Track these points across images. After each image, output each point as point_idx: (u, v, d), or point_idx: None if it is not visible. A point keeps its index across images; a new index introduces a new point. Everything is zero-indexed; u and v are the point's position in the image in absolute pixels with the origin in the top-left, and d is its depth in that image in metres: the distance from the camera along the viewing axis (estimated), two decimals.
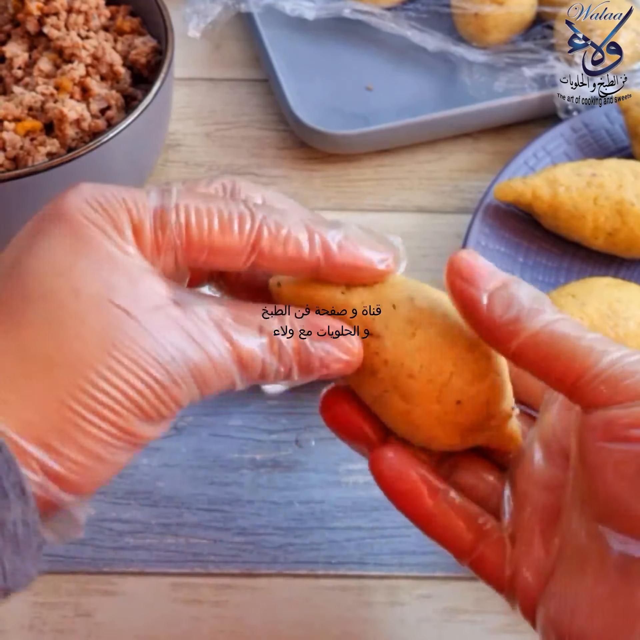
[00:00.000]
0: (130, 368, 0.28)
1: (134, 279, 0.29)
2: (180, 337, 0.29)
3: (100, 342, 0.28)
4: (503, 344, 0.31)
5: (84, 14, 0.56)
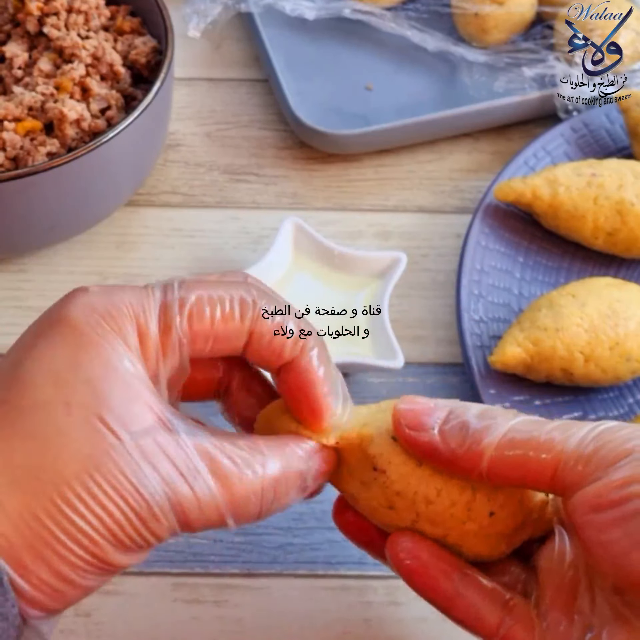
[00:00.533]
0: (110, 495, 0.28)
1: (129, 396, 0.29)
2: (165, 468, 0.29)
3: (83, 462, 0.28)
4: (473, 470, 0.31)
5: (84, 14, 0.56)
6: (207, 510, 0.30)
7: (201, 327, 0.31)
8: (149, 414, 0.29)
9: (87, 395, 0.28)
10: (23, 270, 0.57)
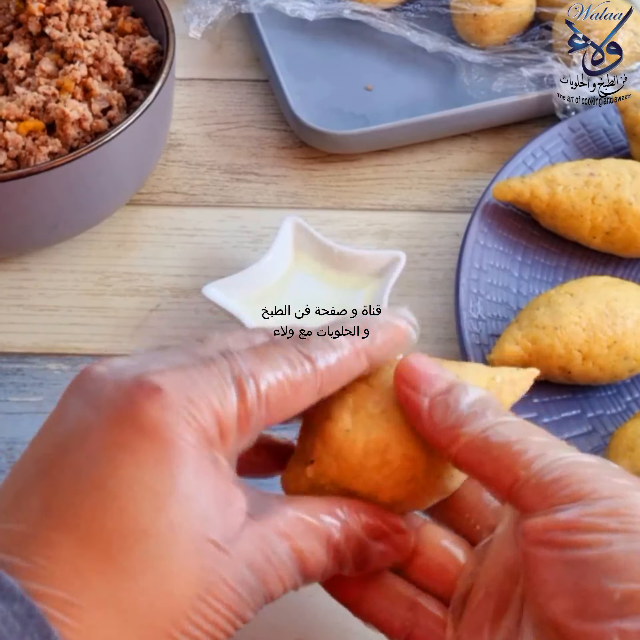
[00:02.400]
0: (220, 611, 0.28)
1: (225, 501, 0.29)
2: (259, 561, 0.29)
3: (195, 587, 0.27)
4: (444, 449, 0.32)
5: (85, 15, 0.56)
6: (289, 585, 0.30)
7: (277, 406, 0.31)
8: (240, 513, 0.29)
9: (188, 514, 0.28)
10: (25, 269, 0.57)
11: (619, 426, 0.48)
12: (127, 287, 0.56)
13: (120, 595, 0.26)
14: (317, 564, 0.31)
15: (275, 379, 0.30)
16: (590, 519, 0.27)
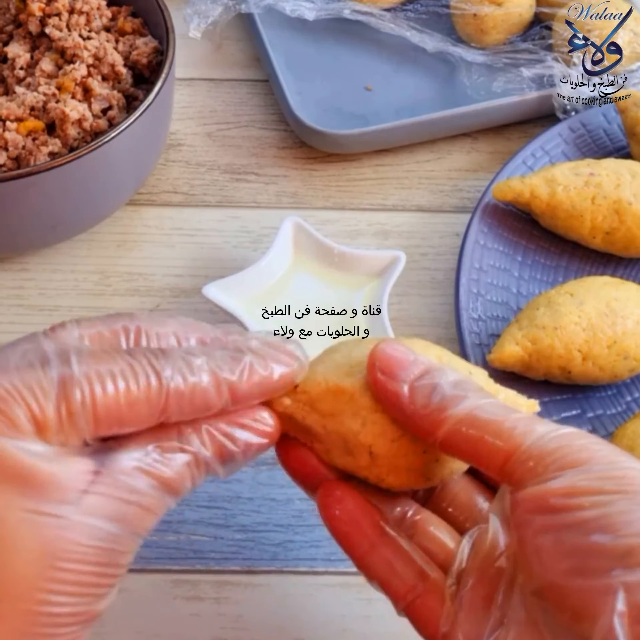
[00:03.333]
0: (79, 569, 0.28)
1: (55, 471, 0.28)
2: (115, 508, 0.29)
3: (40, 558, 0.28)
4: (429, 435, 0.31)
5: (85, 15, 0.56)
6: (157, 511, 0.30)
7: (105, 415, 0.29)
8: (81, 476, 0.29)
9: (11, 495, 0.28)
10: (25, 269, 0.57)
11: (619, 426, 0.48)
12: (127, 287, 0.56)
13: None
14: (180, 480, 0.31)
15: (110, 387, 0.29)
16: (586, 483, 0.28)
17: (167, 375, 0.30)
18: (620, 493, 0.27)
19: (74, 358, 0.29)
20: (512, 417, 0.30)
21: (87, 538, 0.28)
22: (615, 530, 0.27)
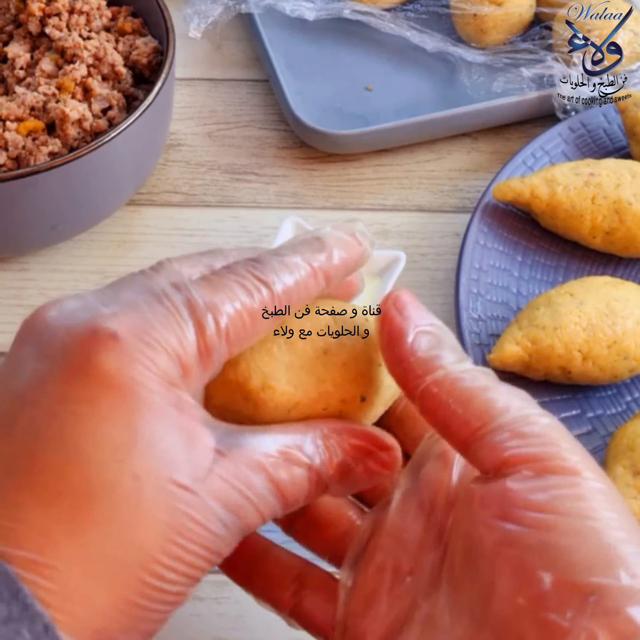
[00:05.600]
0: (194, 551, 0.28)
1: (190, 443, 0.28)
2: (233, 498, 0.28)
3: (165, 532, 0.27)
4: (417, 378, 0.30)
5: (85, 15, 0.56)
6: (268, 516, 0.30)
7: (237, 336, 0.30)
8: (209, 452, 0.28)
9: (152, 461, 0.27)
10: (25, 269, 0.57)
11: (619, 426, 0.48)
12: None
13: (90, 550, 0.26)
14: (297, 492, 0.30)
15: (234, 310, 0.29)
16: (555, 502, 0.26)
17: (274, 280, 0.31)
18: (587, 519, 0.26)
19: (194, 289, 0.29)
20: (499, 388, 0.30)
21: (208, 521, 0.28)
22: (582, 566, 0.25)
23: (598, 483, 0.27)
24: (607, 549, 0.25)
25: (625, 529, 0.26)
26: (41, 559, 0.26)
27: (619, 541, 0.26)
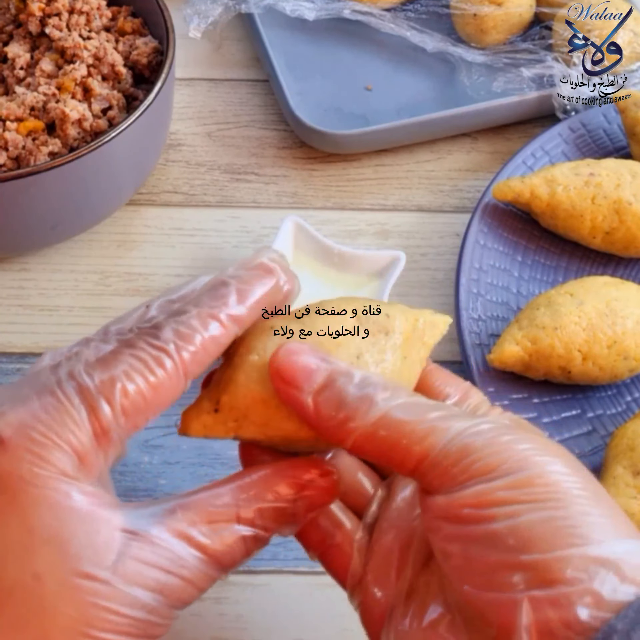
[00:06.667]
0: (109, 639, 0.27)
1: (92, 530, 0.27)
2: (154, 577, 0.28)
3: (74, 627, 0.26)
4: (340, 443, 0.30)
5: (85, 15, 0.56)
6: (201, 584, 0.29)
7: (138, 411, 0.29)
8: (116, 534, 0.28)
9: (52, 556, 0.27)
10: (25, 269, 0.57)
11: (619, 426, 0.48)
12: (127, 287, 0.56)
13: None
14: (233, 552, 0.30)
15: (131, 386, 0.29)
16: (493, 494, 0.27)
17: (173, 348, 0.30)
18: (530, 502, 0.27)
19: (86, 374, 0.29)
20: (428, 416, 0.29)
21: (124, 607, 0.27)
22: (521, 545, 0.26)
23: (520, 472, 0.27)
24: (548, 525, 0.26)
25: None
26: None
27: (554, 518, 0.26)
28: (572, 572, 0.25)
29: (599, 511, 0.27)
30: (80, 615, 0.27)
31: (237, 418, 0.32)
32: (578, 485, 0.27)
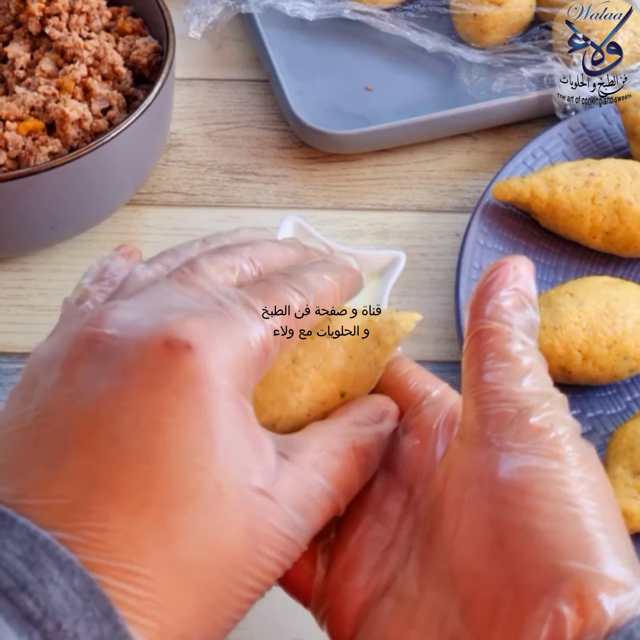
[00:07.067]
0: (272, 557, 0.28)
1: (256, 447, 0.29)
2: (302, 500, 0.29)
3: (247, 539, 0.28)
4: (476, 321, 0.33)
5: (85, 15, 0.56)
6: (330, 513, 0.31)
7: (285, 341, 0.31)
8: (274, 456, 0.29)
9: (230, 467, 0.28)
10: (25, 269, 0.57)
11: (619, 426, 0.48)
12: None
13: (177, 558, 0.27)
14: (353, 482, 0.31)
15: (285, 315, 0.31)
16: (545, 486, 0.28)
17: (310, 296, 0.32)
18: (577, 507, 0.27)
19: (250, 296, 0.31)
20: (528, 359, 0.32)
21: (283, 525, 0.28)
22: (558, 549, 0.26)
23: (581, 471, 0.28)
24: (585, 536, 0.26)
25: (601, 518, 0.27)
26: (132, 567, 0.26)
27: (595, 529, 0.27)
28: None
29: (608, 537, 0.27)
30: (253, 527, 0.28)
31: None
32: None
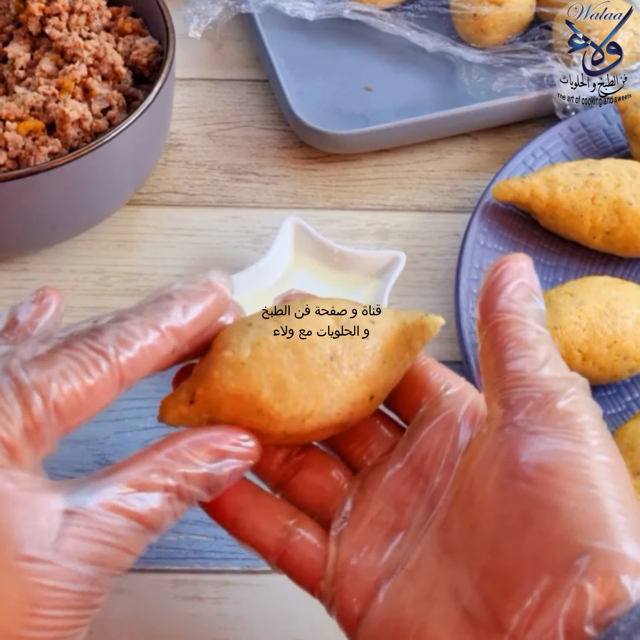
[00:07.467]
0: (58, 615, 0.28)
1: (29, 514, 0.28)
2: (92, 551, 0.29)
3: (20, 608, 0.27)
4: (490, 314, 0.33)
5: (85, 15, 0.56)
6: (135, 549, 0.30)
7: (71, 411, 0.29)
8: (55, 515, 0.28)
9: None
10: (25, 269, 0.57)
11: (619, 426, 0.48)
12: (127, 287, 0.56)
13: None
14: (161, 517, 0.30)
15: (67, 386, 0.29)
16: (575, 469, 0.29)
17: (112, 352, 0.30)
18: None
19: (23, 370, 0.29)
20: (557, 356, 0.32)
21: (67, 583, 0.28)
22: (583, 529, 0.27)
23: (604, 456, 0.29)
24: (607, 517, 0.28)
25: (622, 501, 0.28)
26: None
27: (617, 512, 0.28)
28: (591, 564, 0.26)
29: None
30: (25, 597, 0.27)
31: (210, 410, 0.33)
32: None
